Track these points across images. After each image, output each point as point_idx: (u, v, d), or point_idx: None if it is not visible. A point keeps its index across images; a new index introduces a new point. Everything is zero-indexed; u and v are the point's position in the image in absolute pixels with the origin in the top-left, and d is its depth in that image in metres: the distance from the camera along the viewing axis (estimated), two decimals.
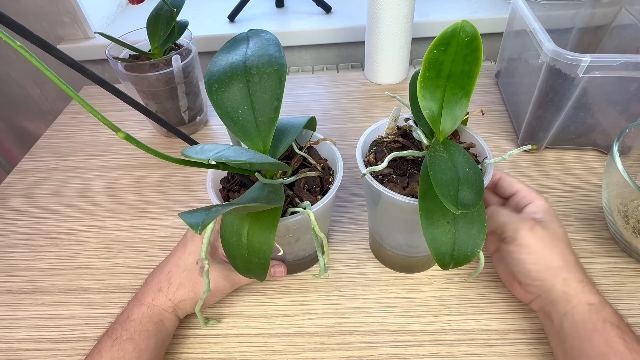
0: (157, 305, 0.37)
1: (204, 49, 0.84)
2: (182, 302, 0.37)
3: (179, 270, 0.38)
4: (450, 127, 0.32)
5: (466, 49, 0.30)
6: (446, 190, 0.27)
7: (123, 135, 0.22)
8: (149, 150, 0.24)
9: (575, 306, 0.32)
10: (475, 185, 0.29)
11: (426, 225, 0.29)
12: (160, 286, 0.37)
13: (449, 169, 0.29)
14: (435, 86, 0.31)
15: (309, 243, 0.41)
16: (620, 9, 0.60)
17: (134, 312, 0.36)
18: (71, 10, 0.82)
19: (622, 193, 0.41)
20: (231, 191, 0.37)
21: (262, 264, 0.30)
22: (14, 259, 0.50)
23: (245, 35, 0.35)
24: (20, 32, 0.21)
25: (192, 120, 0.65)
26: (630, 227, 0.41)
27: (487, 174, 0.34)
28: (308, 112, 0.69)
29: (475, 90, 0.70)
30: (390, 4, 0.63)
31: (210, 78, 0.32)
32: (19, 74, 0.96)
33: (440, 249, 0.29)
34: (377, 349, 0.39)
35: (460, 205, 0.27)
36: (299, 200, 0.35)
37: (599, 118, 0.52)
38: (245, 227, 0.30)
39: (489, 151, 0.36)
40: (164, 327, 0.36)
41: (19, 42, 0.19)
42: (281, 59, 0.32)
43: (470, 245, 0.29)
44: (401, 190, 0.34)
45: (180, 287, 0.37)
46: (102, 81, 0.25)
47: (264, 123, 0.32)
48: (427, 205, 0.30)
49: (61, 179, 0.60)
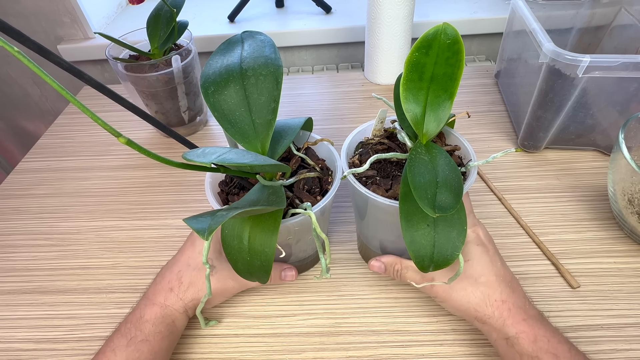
0: (169, 305, 0.36)
1: (204, 49, 0.84)
2: (193, 302, 0.37)
3: (190, 269, 0.38)
4: (434, 130, 0.32)
5: (448, 52, 0.30)
6: (423, 193, 0.28)
7: (124, 141, 0.22)
8: (150, 154, 0.24)
9: (496, 339, 0.34)
10: (453, 189, 0.29)
11: (406, 228, 0.29)
12: (171, 286, 0.37)
13: (428, 172, 0.30)
14: (418, 89, 0.31)
15: (309, 244, 0.41)
16: (620, 9, 0.60)
17: (147, 312, 0.36)
18: (71, 10, 0.82)
19: (625, 179, 0.42)
20: (230, 194, 0.37)
21: (265, 267, 0.30)
22: (14, 259, 0.50)
23: (239, 37, 0.35)
24: (17, 38, 0.21)
25: (192, 121, 0.65)
26: (636, 213, 0.42)
27: (470, 177, 0.34)
28: (308, 113, 0.69)
29: (476, 91, 0.71)
30: (390, 4, 0.63)
31: (205, 81, 0.32)
32: (19, 74, 0.96)
33: (419, 252, 0.29)
34: (377, 349, 0.39)
35: (437, 208, 0.27)
36: (299, 201, 0.35)
37: (598, 118, 0.52)
38: (246, 230, 0.30)
39: (474, 154, 0.36)
40: (175, 328, 0.37)
41: (16, 47, 0.19)
42: (277, 60, 0.32)
43: (449, 248, 0.29)
44: (384, 193, 0.34)
45: (191, 286, 0.37)
46: (100, 86, 0.25)
47: (261, 125, 0.32)
48: (407, 207, 0.30)
49: (61, 179, 0.60)
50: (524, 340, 0.32)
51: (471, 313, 0.34)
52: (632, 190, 0.41)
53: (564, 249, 0.46)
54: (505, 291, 0.34)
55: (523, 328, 0.32)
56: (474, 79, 0.74)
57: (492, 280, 0.34)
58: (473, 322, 0.35)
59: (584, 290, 0.42)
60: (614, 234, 0.47)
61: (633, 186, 0.41)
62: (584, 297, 0.41)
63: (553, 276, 0.43)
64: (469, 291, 0.34)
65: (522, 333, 0.32)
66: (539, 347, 0.31)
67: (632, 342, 0.38)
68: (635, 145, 0.46)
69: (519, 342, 0.32)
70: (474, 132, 0.63)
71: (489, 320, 0.33)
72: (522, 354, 0.31)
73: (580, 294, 0.42)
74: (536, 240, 0.46)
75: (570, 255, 0.45)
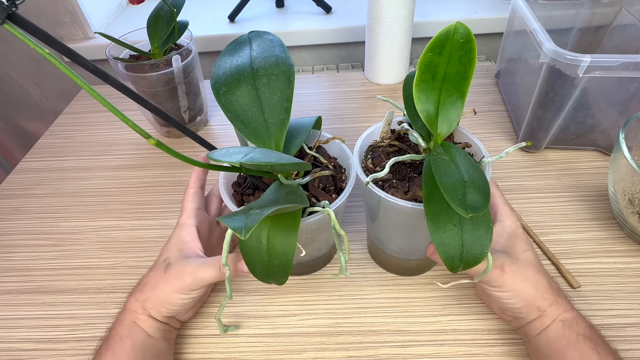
0: (128, 307, 0.37)
1: (204, 49, 0.84)
2: (148, 301, 0.36)
3: (150, 270, 0.38)
4: (448, 129, 0.32)
5: (461, 51, 0.30)
6: (454, 194, 0.27)
7: (154, 142, 0.23)
8: (178, 156, 0.25)
9: (550, 325, 0.33)
10: (481, 187, 0.29)
11: (434, 230, 0.29)
12: (133, 289, 0.38)
13: (453, 172, 0.29)
14: (431, 89, 0.31)
15: (324, 243, 0.41)
16: (620, 9, 0.60)
17: (115, 321, 0.37)
18: (71, 10, 0.82)
19: (625, 179, 0.42)
20: (245, 195, 0.37)
21: (284, 267, 0.30)
22: (14, 259, 0.50)
23: (246, 37, 0.35)
24: (45, 40, 0.21)
25: (192, 120, 0.65)
26: (636, 213, 0.42)
27: (486, 174, 0.34)
28: (308, 112, 0.69)
29: (476, 91, 0.71)
30: (390, 4, 0.63)
31: (217, 82, 0.32)
32: (19, 74, 0.96)
33: (449, 253, 0.29)
34: (377, 349, 0.39)
35: (469, 208, 0.27)
36: (315, 200, 0.35)
37: (599, 118, 0.52)
38: (265, 229, 0.30)
39: (485, 150, 0.36)
40: (138, 328, 0.36)
41: (38, 49, 0.20)
42: (288, 59, 0.32)
43: (478, 247, 0.29)
44: (403, 195, 0.34)
45: (145, 286, 0.37)
46: (124, 87, 0.26)
47: (274, 125, 0.32)
48: (432, 209, 0.29)
49: (61, 179, 0.60)
50: (582, 322, 0.33)
51: (537, 301, 0.34)
52: (633, 190, 0.41)
53: (564, 249, 0.46)
54: (553, 280, 0.35)
55: (578, 314, 0.34)
56: (475, 79, 0.74)
57: (544, 270, 0.35)
58: (531, 311, 0.34)
59: (584, 290, 0.42)
60: (615, 234, 0.47)
61: (633, 186, 0.41)
62: (584, 297, 0.41)
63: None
64: (537, 278, 0.34)
65: (578, 317, 0.33)
66: (593, 331, 0.33)
67: (633, 342, 0.38)
68: (635, 145, 0.46)
69: (577, 324, 0.33)
70: (475, 132, 0.62)
71: (551, 307, 0.33)
72: (580, 334, 0.32)
73: (580, 294, 0.42)
74: (537, 240, 0.46)
75: (570, 255, 0.45)
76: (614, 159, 0.43)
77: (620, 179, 0.42)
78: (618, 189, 0.43)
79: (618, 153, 0.41)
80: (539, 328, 0.34)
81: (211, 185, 0.49)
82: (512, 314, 0.36)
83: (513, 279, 0.34)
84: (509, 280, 0.34)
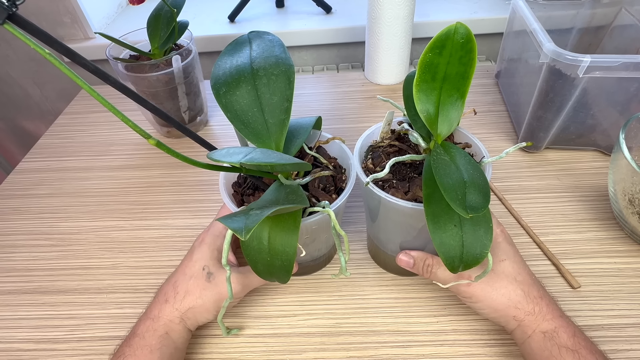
0: (163, 316, 0.35)
1: (204, 49, 0.84)
2: (190, 311, 0.36)
3: (185, 278, 0.37)
4: (448, 129, 0.32)
5: (461, 51, 0.30)
6: (454, 194, 0.27)
7: (154, 142, 0.23)
8: (178, 156, 0.25)
9: (531, 335, 0.33)
10: (481, 188, 0.29)
11: (434, 230, 0.29)
12: (166, 297, 0.36)
13: (453, 172, 0.29)
14: (431, 89, 0.31)
15: (324, 243, 0.41)
16: (620, 9, 0.60)
17: (139, 327, 0.35)
18: (71, 10, 0.82)
19: (626, 179, 0.42)
20: (245, 195, 0.37)
21: (286, 266, 0.30)
22: (15, 259, 0.50)
23: (246, 37, 0.35)
24: (45, 40, 0.21)
25: (192, 121, 0.65)
26: (636, 213, 0.42)
27: (486, 174, 0.34)
28: (308, 113, 0.69)
29: (476, 91, 0.71)
30: (390, 4, 0.63)
31: (217, 82, 0.32)
32: (19, 74, 0.96)
33: (449, 253, 0.29)
34: (377, 349, 0.39)
35: (469, 208, 0.27)
36: (315, 200, 0.35)
37: (599, 118, 0.52)
38: (265, 230, 0.30)
39: (486, 150, 0.36)
40: (170, 340, 0.35)
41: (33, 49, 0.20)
42: (288, 59, 0.32)
43: (478, 247, 0.29)
44: (403, 196, 0.34)
45: (187, 295, 0.36)
46: (125, 88, 0.26)
47: (274, 125, 0.32)
48: (432, 209, 0.29)
49: (61, 179, 0.60)
50: (564, 333, 0.32)
51: (510, 311, 0.34)
52: (633, 190, 0.41)
53: (564, 249, 0.46)
54: (540, 288, 0.35)
55: (561, 323, 0.33)
56: (475, 79, 0.73)
57: (527, 278, 0.35)
58: (508, 321, 0.34)
59: (584, 291, 0.42)
60: (615, 234, 0.47)
61: (634, 186, 0.41)
62: (584, 297, 0.41)
63: (554, 276, 0.43)
64: (510, 289, 0.34)
65: (561, 327, 0.32)
66: (577, 342, 0.32)
67: (633, 343, 0.38)
68: (635, 146, 0.46)
69: (559, 335, 0.32)
70: (475, 132, 0.62)
71: (528, 317, 0.33)
72: (562, 346, 0.32)
73: (581, 294, 0.42)
74: (537, 241, 0.46)
75: (571, 256, 0.45)
76: (614, 159, 0.43)
77: (621, 179, 0.42)
78: (618, 189, 0.43)
79: (618, 153, 0.41)
80: (522, 337, 0.34)
81: (216, 186, 0.49)
82: (493, 322, 0.36)
83: (481, 289, 0.34)
84: (477, 291, 0.34)
